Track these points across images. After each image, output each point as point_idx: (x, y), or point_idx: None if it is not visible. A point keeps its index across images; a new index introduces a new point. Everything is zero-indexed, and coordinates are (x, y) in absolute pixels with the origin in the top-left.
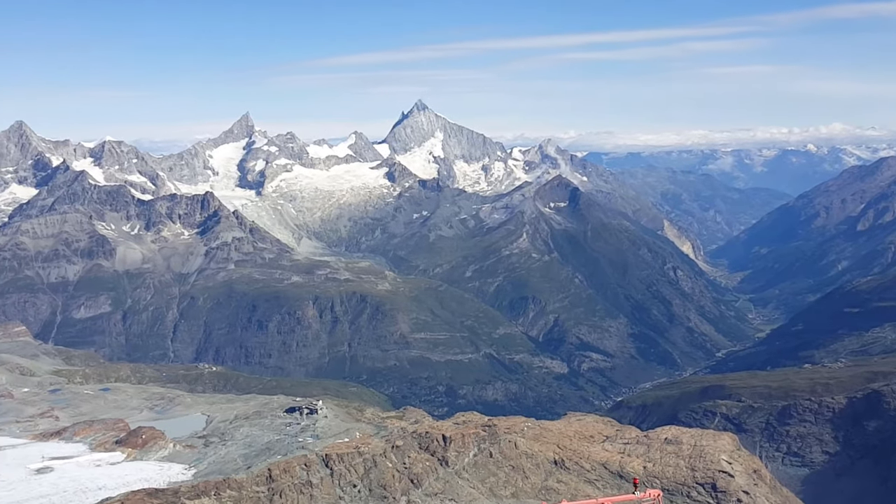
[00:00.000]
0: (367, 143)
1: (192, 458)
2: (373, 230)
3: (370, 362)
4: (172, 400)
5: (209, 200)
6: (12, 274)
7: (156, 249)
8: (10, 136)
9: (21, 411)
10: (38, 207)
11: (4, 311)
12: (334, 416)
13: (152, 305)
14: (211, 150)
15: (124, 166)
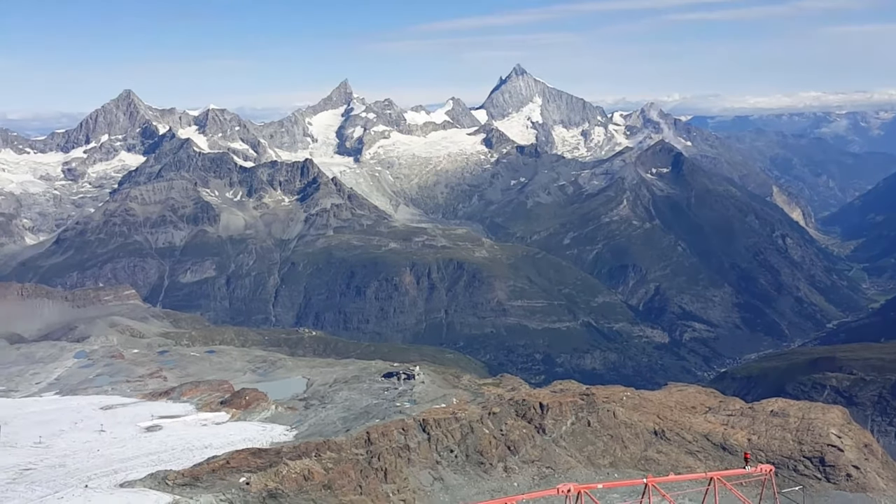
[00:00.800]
0: (465, 109)
1: (293, 419)
2: (470, 197)
3: (467, 329)
4: (274, 363)
5: (308, 167)
6: (122, 239)
7: (257, 216)
8: (119, 104)
9: (132, 371)
10: (145, 174)
11: (115, 275)
12: (431, 382)
13: (254, 271)
14: (310, 117)
15: (227, 134)
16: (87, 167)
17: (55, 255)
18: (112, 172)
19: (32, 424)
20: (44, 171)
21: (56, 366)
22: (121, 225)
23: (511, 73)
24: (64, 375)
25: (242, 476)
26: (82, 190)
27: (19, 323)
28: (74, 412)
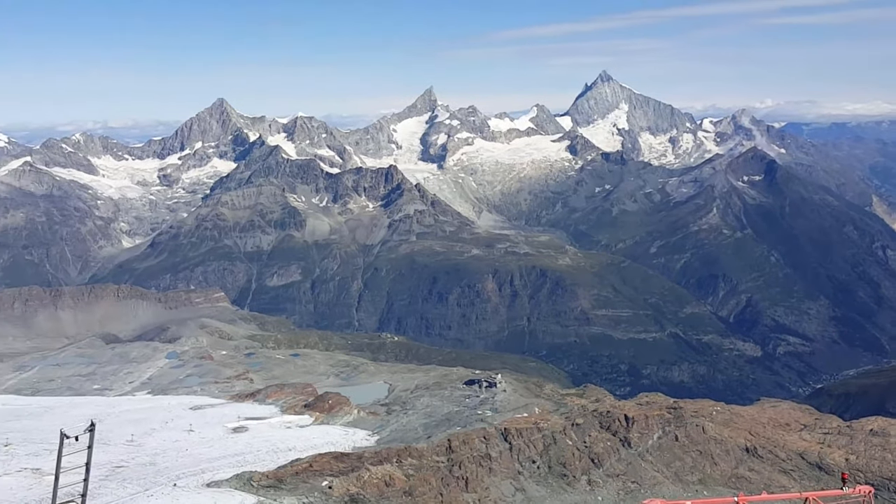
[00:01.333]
0: (549, 116)
1: (374, 424)
2: (553, 204)
3: (550, 338)
4: (357, 367)
5: (393, 174)
6: (213, 243)
7: (342, 221)
8: (213, 113)
9: (220, 373)
10: (236, 180)
11: (206, 277)
12: (513, 391)
13: (339, 275)
14: (395, 124)
15: (314, 141)
16: (182, 173)
17: (150, 258)
18: (205, 178)
19: (125, 423)
20: (141, 176)
21: (149, 366)
22: (212, 229)
23: (597, 79)
24: (156, 375)
25: (325, 480)
26: (176, 195)
27: (115, 323)
28: (165, 411)
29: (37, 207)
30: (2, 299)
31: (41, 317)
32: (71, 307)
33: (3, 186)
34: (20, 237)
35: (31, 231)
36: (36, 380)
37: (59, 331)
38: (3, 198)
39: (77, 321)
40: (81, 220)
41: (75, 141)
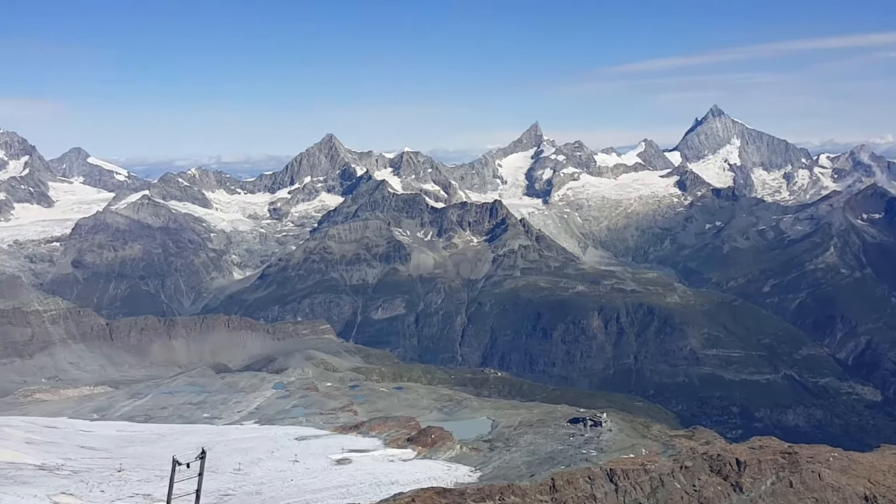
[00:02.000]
0: (658, 151)
1: (477, 460)
2: (661, 240)
3: (657, 377)
4: (460, 402)
5: (497, 208)
6: (320, 276)
7: (447, 255)
8: (322, 148)
9: (324, 404)
10: (343, 214)
11: (312, 309)
12: (619, 430)
13: (442, 309)
14: (500, 159)
15: (420, 175)
16: (291, 207)
17: (259, 290)
18: (313, 212)
19: (233, 451)
20: (252, 210)
21: (256, 396)
22: (319, 262)
23: (707, 113)
24: (263, 405)
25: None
26: (285, 228)
27: (225, 353)
28: (271, 441)
29: (154, 239)
30: (119, 328)
31: (156, 346)
32: (184, 337)
33: (123, 219)
34: (138, 268)
35: (147, 262)
36: (149, 407)
37: (172, 360)
38: (123, 230)
39: (189, 350)
40: (195, 252)
41: (191, 175)
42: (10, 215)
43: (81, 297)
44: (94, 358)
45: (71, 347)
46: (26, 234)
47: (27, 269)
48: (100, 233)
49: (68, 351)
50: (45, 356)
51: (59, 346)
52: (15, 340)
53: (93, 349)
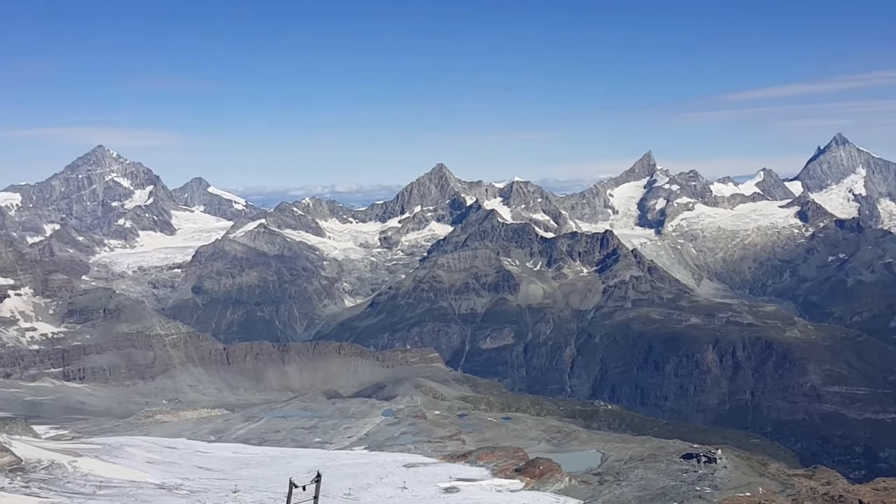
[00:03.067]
0: (777, 181)
1: (586, 493)
2: (780, 273)
3: (775, 414)
4: (569, 434)
5: (608, 239)
6: (429, 304)
7: (556, 286)
8: (432, 178)
9: (432, 432)
10: (452, 243)
11: (421, 338)
12: (734, 468)
13: (551, 340)
14: (612, 188)
15: (530, 205)
16: (401, 236)
17: (370, 317)
18: (422, 241)
19: (343, 476)
20: (363, 238)
21: (366, 422)
22: (428, 291)
23: (831, 142)
24: (372, 431)
25: None
26: (395, 257)
27: (337, 379)
28: (380, 468)
29: (269, 267)
30: (235, 353)
31: (270, 371)
32: (297, 362)
33: (240, 247)
34: (254, 294)
35: (263, 289)
36: (263, 430)
37: (286, 384)
38: (240, 258)
39: (302, 376)
40: (308, 280)
41: (305, 205)
42: (135, 243)
43: (200, 321)
44: (211, 381)
45: (190, 371)
46: (150, 260)
47: (150, 295)
48: (218, 260)
49: (188, 374)
50: (166, 378)
51: (179, 369)
52: (138, 363)
53: (210, 373)
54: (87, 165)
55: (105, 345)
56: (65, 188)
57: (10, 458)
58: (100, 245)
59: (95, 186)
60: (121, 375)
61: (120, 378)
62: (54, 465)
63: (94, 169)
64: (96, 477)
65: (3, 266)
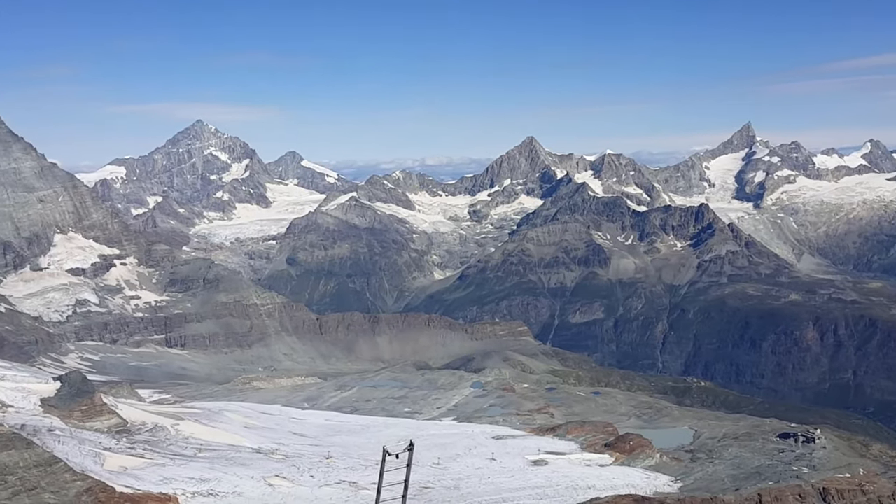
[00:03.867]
0: (885, 152)
1: (678, 471)
2: (888, 248)
3: (878, 394)
4: (660, 411)
5: (704, 212)
6: (518, 278)
7: (648, 260)
8: (522, 151)
9: (521, 405)
10: (542, 217)
11: (510, 311)
12: (834, 448)
13: (643, 315)
14: (708, 161)
15: (622, 178)
16: (490, 209)
17: (458, 290)
18: (512, 214)
19: (432, 446)
20: (453, 212)
21: (454, 393)
22: (517, 264)
23: None
24: (461, 403)
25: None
26: (485, 230)
27: (425, 351)
28: (469, 439)
29: (360, 239)
30: (328, 323)
31: (361, 341)
32: (387, 333)
33: (332, 219)
34: (345, 266)
35: (354, 261)
36: (355, 399)
37: (376, 355)
38: (332, 230)
39: (392, 347)
40: (398, 253)
41: (395, 178)
42: (232, 215)
43: (294, 292)
44: (305, 350)
45: (285, 340)
46: (246, 232)
47: (247, 266)
48: (311, 232)
49: (282, 343)
50: (262, 347)
51: (274, 338)
52: (236, 331)
53: (304, 342)
54: (188, 140)
55: (204, 313)
56: (166, 162)
57: (117, 420)
58: (199, 217)
59: (195, 160)
60: (219, 343)
61: (219, 345)
62: (157, 427)
63: (194, 143)
64: (197, 440)
65: (109, 237)
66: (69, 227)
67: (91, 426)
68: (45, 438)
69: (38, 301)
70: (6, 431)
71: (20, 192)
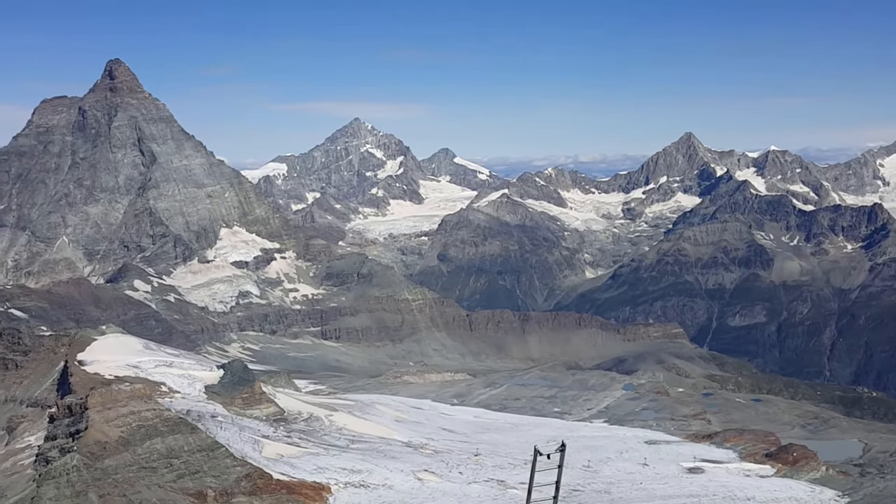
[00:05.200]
0: None
1: (846, 486)
2: None
3: None
4: (826, 421)
5: (877, 212)
6: (673, 278)
7: (815, 262)
8: (679, 147)
9: (675, 410)
10: (699, 216)
11: (665, 312)
12: None
13: (808, 320)
14: (882, 158)
15: (787, 176)
16: (645, 207)
17: (610, 290)
18: (668, 213)
19: (582, 448)
20: (605, 210)
21: (605, 395)
22: (673, 264)
23: None
24: (612, 405)
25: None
26: (639, 229)
27: (575, 350)
28: (620, 442)
29: (511, 237)
30: (478, 320)
31: (510, 339)
32: (536, 332)
33: (483, 216)
34: (496, 264)
35: (505, 258)
36: (504, 397)
37: (525, 353)
38: (483, 227)
39: (541, 345)
40: (549, 250)
41: (547, 175)
42: (386, 211)
43: (445, 288)
44: (455, 346)
45: (435, 335)
46: (399, 228)
47: (399, 261)
48: (463, 229)
49: (433, 338)
50: (413, 342)
51: (424, 333)
52: (388, 326)
53: (454, 338)
54: (345, 137)
55: (358, 307)
56: (325, 159)
57: (275, 408)
58: (354, 213)
59: (352, 157)
60: (372, 336)
61: (371, 339)
62: (313, 417)
63: (351, 141)
64: (350, 431)
65: (271, 231)
66: (234, 222)
67: (251, 414)
68: (208, 424)
69: (204, 292)
70: (173, 416)
71: (190, 187)
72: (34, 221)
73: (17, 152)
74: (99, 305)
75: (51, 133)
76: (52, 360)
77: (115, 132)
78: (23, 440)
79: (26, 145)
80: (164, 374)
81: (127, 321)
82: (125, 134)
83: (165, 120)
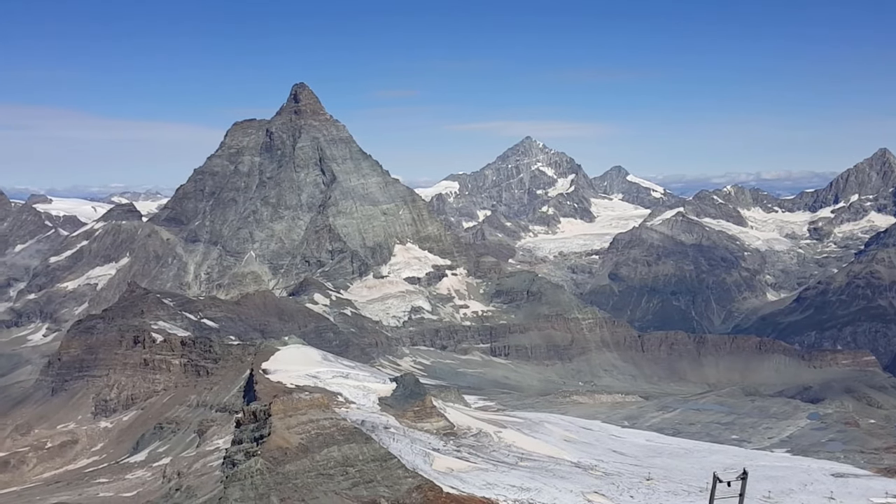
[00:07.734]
0: None
1: None
2: None
3: None
4: None
5: None
6: (865, 302)
7: None
8: (873, 163)
9: (866, 442)
10: (895, 236)
11: (855, 339)
12: None
13: None
14: None
15: None
16: (834, 227)
17: (794, 313)
18: (859, 233)
19: (762, 478)
20: (789, 229)
21: (788, 424)
22: (864, 287)
23: None
24: (795, 434)
25: None
26: (826, 250)
27: (754, 376)
28: (804, 473)
29: (685, 256)
30: (650, 341)
31: (684, 361)
32: (713, 355)
33: (657, 235)
34: (670, 284)
35: (679, 278)
36: (677, 421)
37: (700, 376)
38: (657, 246)
39: (718, 370)
40: (727, 271)
41: (726, 193)
42: (556, 229)
43: (616, 308)
44: (625, 367)
45: (605, 355)
46: (570, 246)
47: (569, 279)
48: (635, 248)
49: (602, 358)
50: (582, 361)
51: (594, 353)
52: (557, 344)
53: (625, 359)
54: (516, 156)
55: (527, 325)
56: (496, 177)
57: (445, 423)
58: (525, 230)
59: (523, 175)
60: (540, 355)
61: (540, 357)
62: (482, 433)
63: (522, 159)
64: (518, 449)
65: (442, 248)
66: (407, 239)
67: (422, 427)
68: (381, 435)
69: (378, 306)
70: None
71: (367, 205)
72: (225, 237)
73: (211, 172)
74: (282, 317)
75: (241, 154)
76: (240, 368)
77: (299, 153)
78: (212, 443)
79: (219, 165)
80: (341, 384)
81: (307, 333)
82: (308, 154)
83: (345, 140)
